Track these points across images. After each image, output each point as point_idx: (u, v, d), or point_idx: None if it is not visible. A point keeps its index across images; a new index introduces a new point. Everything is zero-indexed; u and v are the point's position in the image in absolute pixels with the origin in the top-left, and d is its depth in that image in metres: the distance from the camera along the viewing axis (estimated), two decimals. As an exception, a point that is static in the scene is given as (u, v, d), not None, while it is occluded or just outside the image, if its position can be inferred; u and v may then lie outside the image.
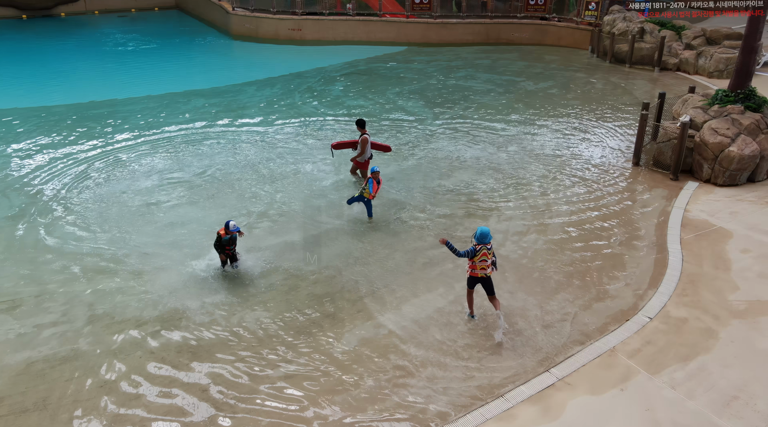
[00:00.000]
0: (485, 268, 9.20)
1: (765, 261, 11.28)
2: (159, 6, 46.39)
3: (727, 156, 14.19)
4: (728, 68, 23.89)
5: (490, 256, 9.20)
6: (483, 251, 9.08)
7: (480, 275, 9.26)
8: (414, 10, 32.32)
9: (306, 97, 23.22)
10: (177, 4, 46.58)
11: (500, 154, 17.04)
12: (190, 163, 16.71)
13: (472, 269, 9.27)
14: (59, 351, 9.30)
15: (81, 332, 9.75)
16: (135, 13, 44.96)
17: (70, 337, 9.62)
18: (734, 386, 8.30)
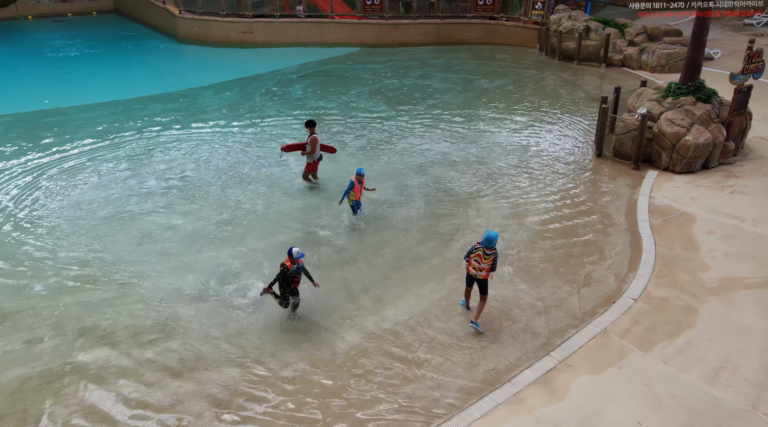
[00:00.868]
0: (477, 269, 9.28)
1: (729, 241, 12.06)
2: (97, 10, 44.80)
3: (683, 145, 15.05)
4: (669, 63, 25.25)
5: (486, 260, 9.14)
6: (479, 251, 9.17)
7: (471, 272, 9.40)
8: (366, 11, 32.52)
9: (267, 100, 23.03)
10: (116, 8, 45.12)
11: (469, 150, 17.45)
12: (159, 169, 16.32)
13: (468, 264, 9.46)
14: (53, 366, 8.98)
15: (73, 345, 9.43)
16: (72, 18, 43.24)
17: (63, 351, 9.30)
18: (720, 358, 8.89)
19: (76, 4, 44.04)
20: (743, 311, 9.96)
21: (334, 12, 32.95)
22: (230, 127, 19.91)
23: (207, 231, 12.98)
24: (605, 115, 16.40)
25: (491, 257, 9.14)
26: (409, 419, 7.97)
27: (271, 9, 34.29)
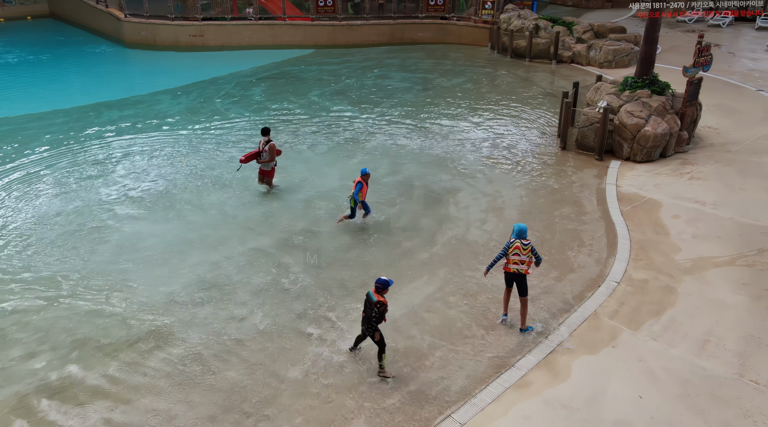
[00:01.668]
0: (518, 263, 9.27)
1: (695, 224, 12.83)
2: (31, 15, 42.86)
3: (643, 135, 15.86)
4: (616, 59, 26.43)
5: (525, 252, 9.16)
6: (516, 244, 9.18)
7: (512, 269, 9.30)
8: (318, 13, 32.48)
9: (228, 103, 22.71)
10: (51, 12, 43.28)
11: (439, 147, 17.79)
12: (126, 176, 15.90)
13: (506, 263, 9.38)
14: (50, 381, 8.69)
15: (68, 358, 9.15)
16: (4, 23, 41.21)
17: (57, 365, 9.00)
18: (703, 332, 9.49)
19: (8, 9, 42.00)
20: (717, 287, 10.65)
21: (278, 13, 32.73)
22: (194, 131, 19.56)
23: (187, 237, 12.78)
24: (568, 109, 17.07)
25: (528, 247, 9.16)
26: (424, 407, 8.16)
27: (218, 12, 33.75)
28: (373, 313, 8.15)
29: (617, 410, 8.01)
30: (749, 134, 17.79)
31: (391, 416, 8.06)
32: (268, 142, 14.18)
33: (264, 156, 14.28)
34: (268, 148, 14.17)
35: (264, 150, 14.23)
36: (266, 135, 14.28)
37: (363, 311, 8.42)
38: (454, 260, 11.79)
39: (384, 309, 8.18)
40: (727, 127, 18.48)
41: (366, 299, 8.36)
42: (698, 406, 8.04)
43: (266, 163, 14.44)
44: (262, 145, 14.24)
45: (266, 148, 14.19)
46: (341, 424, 7.96)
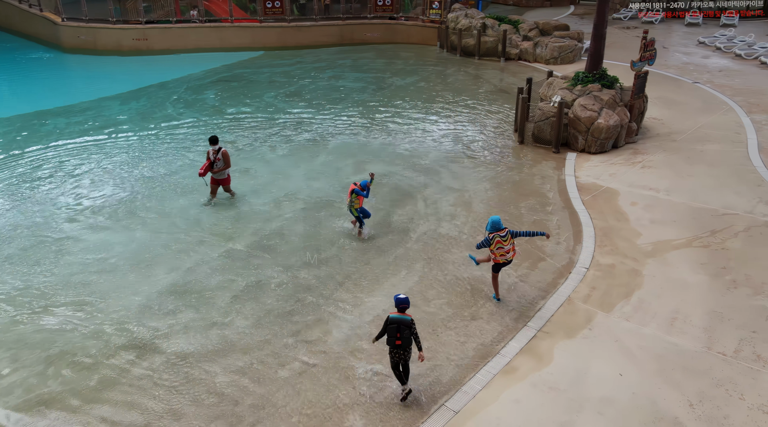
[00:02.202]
0: (505, 253, 9.76)
1: (651, 210, 13.50)
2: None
3: (597, 127, 16.54)
4: (561, 55, 27.35)
5: (507, 242, 9.69)
6: (497, 238, 9.64)
7: (501, 260, 9.88)
8: (266, 14, 32.15)
9: (180, 108, 22.22)
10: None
11: (401, 145, 18.00)
12: (84, 186, 15.38)
13: (495, 256, 9.86)
14: (29, 399, 8.36)
15: (45, 374, 8.83)
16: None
17: (35, 383, 8.67)
18: (670, 311, 10.04)
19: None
20: (678, 268, 11.27)
21: (223, 15, 32.23)
22: (148, 137, 19.06)
23: (155, 244, 12.50)
24: (525, 104, 17.60)
25: (508, 236, 9.65)
26: (418, 399, 8.31)
27: (161, 15, 32.89)
28: (413, 331, 7.91)
29: (601, 388, 8.39)
30: (691, 124, 18.80)
31: (386, 410, 8.18)
32: (220, 150, 13.78)
33: (218, 165, 13.83)
34: (222, 155, 13.79)
35: (217, 159, 13.79)
36: (215, 143, 13.82)
37: (398, 339, 7.84)
38: (429, 254, 12.01)
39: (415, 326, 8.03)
40: (670, 118, 19.47)
41: (395, 323, 7.83)
42: (674, 379, 8.51)
43: (221, 172, 14.02)
44: (213, 155, 13.76)
45: (219, 157, 13.78)
46: (337, 421, 8.02)
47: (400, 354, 8.00)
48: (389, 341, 7.96)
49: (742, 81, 23.42)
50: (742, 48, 27.92)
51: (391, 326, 7.87)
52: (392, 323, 7.87)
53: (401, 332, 7.84)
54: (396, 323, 7.85)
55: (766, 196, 13.75)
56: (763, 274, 10.91)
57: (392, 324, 7.87)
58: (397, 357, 8.04)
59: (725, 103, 20.70)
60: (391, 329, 7.88)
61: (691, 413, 7.92)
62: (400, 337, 7.85)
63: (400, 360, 8.08)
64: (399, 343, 7.88)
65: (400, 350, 7.96)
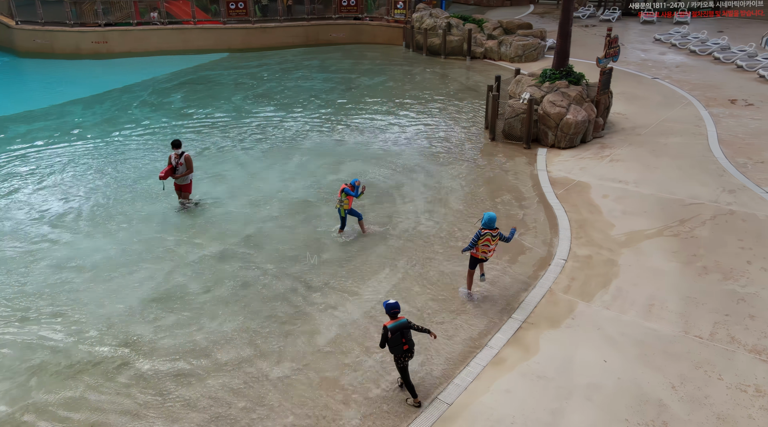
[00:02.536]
0: (486, 251, 9.94)
1: (622, 201, 13.91)
2: None
3: (566, 123, 16.95)
4: (525, 53, 27.88)
5: (494, 242, 9.83)
6: (487, 236, 9.77)
7: (481, 257, 10.04)
8: (230, 16, 31.80)
9: (147, 112, 21.82)
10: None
11: (374, 144, 18.08)
12: (53, 193, 14.98)
13: (476, 250, 9.94)
14: (13, 411, 8.13)
15: (27, 385, 8.60)
16: None
17: (17, 395, 8.44)
18: (647, 297, 10.38)
19: None
20: (651, 257, 11.65)
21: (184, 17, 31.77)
22: (115, 141, 18.66)
23: (132, 250, 12.28)
24: (495, 102, 17.90)
25: (497, 237, 9.80)
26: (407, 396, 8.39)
27: (119, 17, 32.16)
28: (413, 327, 7.91)
29: (587, 375, 8.63)
30: (653, 118, 19.42)
31: (380, 405, 8.25)
32: (182, 155, 13.47)
33: (180, 169, 13.49)
34: (185, 160, 13.48)
35: (180, 163, 13.47)
36: (178, 147, 13.51)
37: (404, 344, 7.76)
38: (410, 250, 12.12)
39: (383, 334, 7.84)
40: (633, 112, 20.07)
41: (397, 331, 7.72)
42: (656, 363, 8.82)
43: (184, 177, 13.70)
44: (174, 159, 13.43)
45: (182, 162, 13.46)
46: (333, 417, 8.05)
47: (409, 356, 7.94)
48: (395, 349, 7.80)
49: (698, 76, 24.31)
50: (696, 44, 28.96)
51: (395, 335, 7.70)
52: (395, 332, 7.70)
53: (405, 336, 7.79)
54: (398, 330, 7.73)
55: (728, 186, 14.32)
56: (731, 260, 11.38)
57: (395, 332, 7.70)
58: (406, 360, 7.95)
59: (684, 98, 21.45)
60: (395, 338, 7.71)
61: (674, 394, 8.22)
62: (406, 341, 7.80)
63: (407, 363, 8.02)
64: (406, 347, 7.83)
65: (408, 354, 7.90)
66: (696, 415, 7.87)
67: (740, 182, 14.51)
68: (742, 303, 10.10)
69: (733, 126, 18.44)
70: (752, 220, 12.76)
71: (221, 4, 31.56)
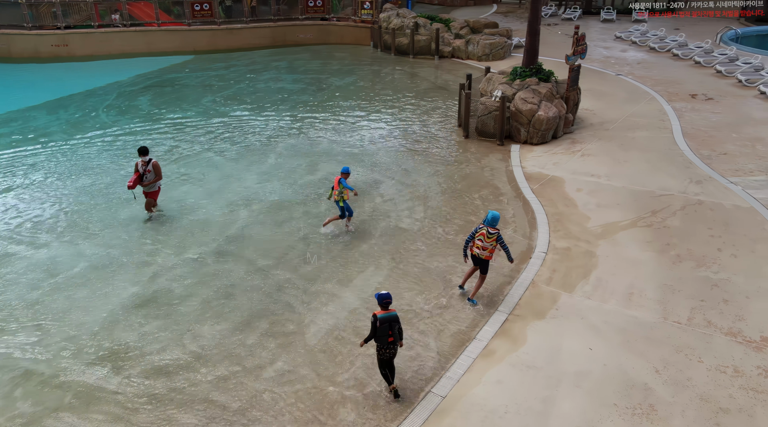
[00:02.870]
0: (480, 248, 9.88)
1: (596, 195, 14.28)
2: None
3: (538, 119, 17.30)
4: (492, 52, 28.29)
5: (489, 240, 9.77)
6: (482, 231, 9.81)
7: (475, 252, 9.97)
8: (195, 17, 31.37)
9: (114, 115, 21.37)
10: None
11: (349, 144, 18.12)
12: (24, 200, 14.59)
13: (472, 245, 10.00)
14: (1, 423, 7.91)
15: (12, 396, 8.39)
16: None
17: (2, 406, 8.21)
18: (626, 286, 10.70)
19: None
20: (627, 247, 12.01)
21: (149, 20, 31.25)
22: (83, 147, 18.24)
23: (110, 256, 12.07)
24: (468, 100, 18.14)
25: (494, 236, 9.74)
26: (405, 387, 8.49)
27: (78, 19, 31.38)
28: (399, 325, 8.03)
29: (575, 363, 8.87)
30: (620, 113, 19.97)
31: (375, 401, 8.32)
32: (150, 162, 13.17)
33: (148, 177, 13.19)
34: (153, 167, 13.19)
35: (147, 171, 13.18)
36: (145, 154, 13.11)
37: (390, 335, 7.87)
38: (393, 248, 12.22)
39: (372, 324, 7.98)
40: (600, 108, 20.59)
41: (386, 321, 7.85)
42: (639, 349, 9.12)
43: (152, 185, 13.35)
44: (142, 167, 13.12)
45: (149, 169, 13.18)
46: (329, 415, 8.08)
47: (392, 350, 8.05)
48: (380, 339, 7.90)
49: (659, 72, 25.07)
50: (655, 42, 29.85)
51: (383, 325, 7.84)
52: (383, 322, 7.84)
53: (392, 329, 7.90)
54: (387, 321, 7.85)
55: (695, 177, 14.85)
56: (703, 248, 11.82)
57: (384, 323, 7.84)
58: (389, 354, 8.06)
59: (648, 93, 22.11)
60: (383, 328, 7.84)
61: (658, 378, 8.52)
62: (392, 333, 7.90)
63: (391, 357, 8.14)
64: (391, 339, 7.93)
65: (392, 346, 8.00)
66: (680, 397, 8.17)
67: (706, 173, 15.06)
68: (716, 289, 10.51)
69: (696, 120, 19.11)
70: (719, 209, 13.27)
71: (186, 5, 31.11)
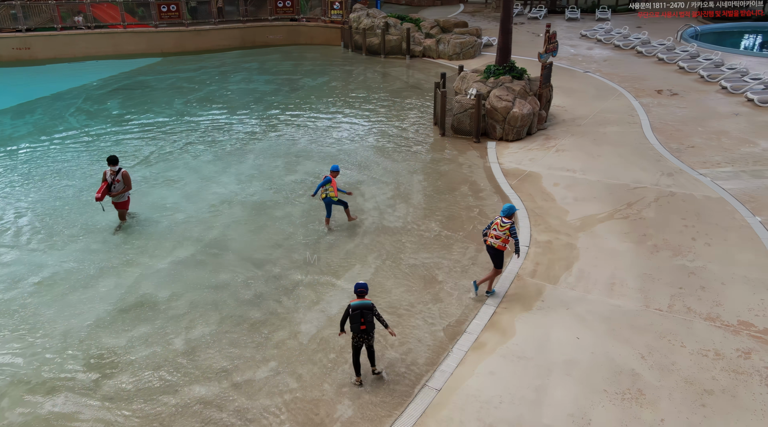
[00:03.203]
0: (494, 237, 10.03)
1: (572, 189, 14.61)
2: None
3: (513, 116, 17.59)
4: (463, 51, 28.61)
5: (503, 229, 9.91)
6: (497, 221, 10.01)
7: (489, 242, 10.13)
8: (162, 19, 30.90)
9: (84, 119, 20.92)
10: None
11: (327, 143, 18.12)
12: (-7, 207, 14.17)
13: (487, 235, 10.16)
14: (-11, 436, 7.73)
15: (0, 408, 8.17)
16: None
17: (-10, 417, 8.01)
18: (608, 277, 11.00)
19: None
20: (606, 239, 12.33)
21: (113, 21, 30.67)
22: (52, 152, 17.80)
23: (92, 261, 11.84)
24: (444, 98, 18.33)
25: (507, 225, 9.89)
26: (399, 382, 8.59)
27: (38, 22, 30.56)
28: (376, 314, 8.31)
29: (563, 352, 9.09)
30: (590, 109, 20.45)
31: (371, 396, 8.38)
32: (120, 171, 12.78)
33: (117, 187, 12.74)
34: (122, 177, 12.81)
35: (116, 180, 12.72)
36: (115, 164, 12.64)
37: (362, 323, 8.17)
38: (379, 246, 12.29)
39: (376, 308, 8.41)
40: (571, 104, 21.04)
41: (358, 309, 8.18)
42: (624, 336, 9.39)
43: (121, 195, 12.92)
44: (110, 176, 12.65)
45: (119, 179, 12.78)
46: (327, 412, 8.11)
47: (365, 338, 8.33)
48: (353, 327, 8.24)
49: (625, 69, 25.75)
50: (619, 39, 30.62)
51: (355, 313, 8.18)
52: (355, 310, 8.19)
53: (365, 317, 8.20)
54: (359, 309, 8.19)
55: (666, 170, 15.32)
56: (678, 237, 12.21)
57: (355, 311, 8.19)
58: (361, 341, 8.35)
59: (615, 90, 22.68)
60: (355, 316, 8.18)
61: (644, 363, 8.79)
62: (365, 321, 8.19)
63: (364, 343, 8.40)
64: (364, 327, 8.21)
65: (364, 335, 8.29)
66: (666, 381, 8.45)
67: (676, 166, 15.56)
68: (693, 276, 10.88)
69: (663, 114, 19.69)
70: (691, 200, 13.72)
71: (152, 6, 30.61)
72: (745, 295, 10.29)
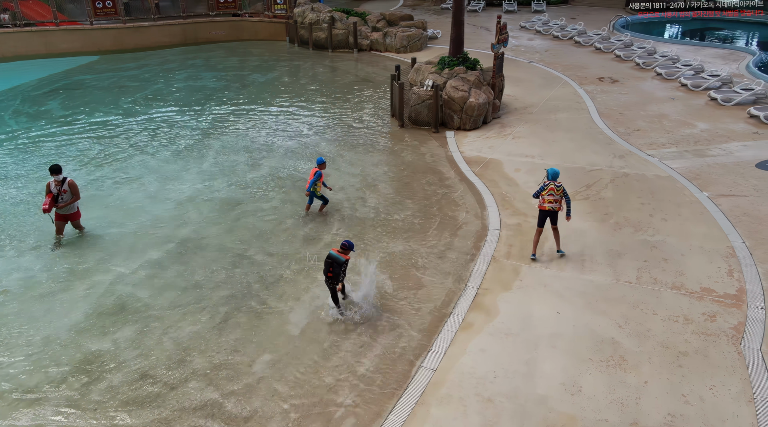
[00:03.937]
0: (552, 201, 10.97)
1: (533, 173, 15.17)
2: None
3: (469, 106, 18.05)
4: (410, 44, 28.96)
5: (558, 192, 10.93)
6: (551, 186, 10.95)
7: (547, 207, 11.02)
8: (97, 16, 29.67)
9: (24, 122, 19.92)
10: None
11: (286, 138, 18.03)
12: (-61, 216, 13.35)
13: (542, 203, 11.05)
14: (-21, 450, 7.40)
15: (-13, 420, 7.83)
16: None
17: (-23, 431, 7.66)
18: (578, 254, 11.56)
19: None
20: (572, 219, 12.90)
21: (42, 19, 29.26)
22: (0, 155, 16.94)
23: (61, 265, 11.41)
24: (401, 90, 18.58)
25: (561, 189, 10.96)
26: (396, 365, 8.78)
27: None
28: (342, 269, 9.38)
29: (547, 327, 9.52)
30: (539, 98, 21.22)
31: (371, 380, 8.54)
32: (65, 181, 12.11)
33: (64, 198, 12.03)
34: (69, 186, 12.16)
35: (63, 191, 11.99)
36: (58, 173, 11.95)
37: (329, 272, 9.37)
38: (356, 236, 12.41)
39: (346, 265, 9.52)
40: (520, 94, 21.75)
41: (330, 260, 9.37)
42: (600, 309, 9.93)
43: (69, 206, 12.22)
44: (56, 187, 11.93)
45: (65, 189, 12.12)
46: (329, 400, 8.21)
47: (330, 284, 9.58)
48: (324, 271, 9.53)
49: (566, 58, 26.80)
50: (557, 30, 31.79)
51: (327, 261, 9.44)
52: (328, 259, 9.43)
53: (333, 268, 9.37)
54: (331, 260, 9.38)
55: (617, 152, 16.15)
56: (636, 214, 12.94)
57: (328, 259, 9.42)
58: (330, 285, 9.61)
59: (560, 78, 23.60)
60: (326, 264, 9.45)
61: (622, 332, 9.34)
62: (332, 272, 9.39)
63: (332, 290, 9.69)
64: (330, 275, 9.44)
65: (330, 281, 9.54)
66: (644, 346, 9.02)
67: (626, 148, 16.42)
68: (655, 250, 11.58)
69: (607, 101, 20.68)
70: (644, 180, 14.54)
71: (86, 3, 29.36)
72: (704, 264, 11.07)
